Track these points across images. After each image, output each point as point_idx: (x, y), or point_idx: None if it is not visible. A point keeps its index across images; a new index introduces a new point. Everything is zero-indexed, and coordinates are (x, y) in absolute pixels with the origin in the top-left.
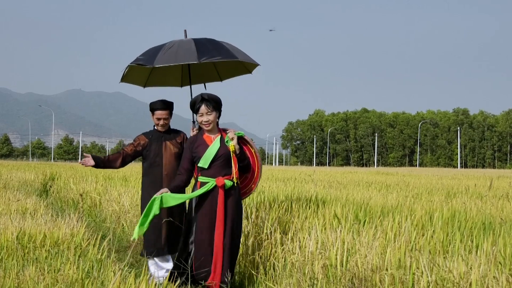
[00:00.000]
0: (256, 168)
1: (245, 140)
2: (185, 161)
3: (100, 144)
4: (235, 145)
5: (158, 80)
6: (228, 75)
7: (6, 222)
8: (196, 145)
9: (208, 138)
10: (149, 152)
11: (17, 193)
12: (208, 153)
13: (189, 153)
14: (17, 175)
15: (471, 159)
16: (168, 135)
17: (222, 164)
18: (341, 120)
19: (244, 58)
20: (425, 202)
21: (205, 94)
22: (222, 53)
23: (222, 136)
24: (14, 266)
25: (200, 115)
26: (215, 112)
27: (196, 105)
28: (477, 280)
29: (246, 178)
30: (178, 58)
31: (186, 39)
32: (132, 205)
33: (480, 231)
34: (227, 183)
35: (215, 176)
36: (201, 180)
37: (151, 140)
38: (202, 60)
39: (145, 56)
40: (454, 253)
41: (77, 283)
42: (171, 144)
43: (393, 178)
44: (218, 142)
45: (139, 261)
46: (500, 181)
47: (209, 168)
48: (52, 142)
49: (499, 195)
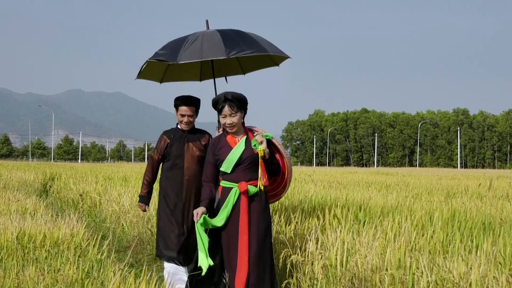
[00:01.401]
0: (285, 172)
1: (272, 143)
2: (209, 166)
3: (100, 144)
4: (265, 149)
5: (176, 75)
6: (252, 67)
7: (6, 222)
8: (219, 147)
9: (231, 140)
10: (170, 153)
11: (17, 193)
12: (231, 156)
13: (212, 157)
14: (17, 175)
15: (471, 159)
16: (192, 135)
17: (247, 168)
18: (341, 120)
19: (274, 51)
20: (425, 202)
21: (229, 93)
22: (251, 46)
23: (248, 137)
24: (14, 266)
25: (223, 117)
26: (239, 113)
27: (218, 105)
28: (477, 280)
29: (276, 180)
30: (204, 53)
31: (210, 31)
32: (132, 205)
33: (480, 231)
34: (250, 189)
35: (238, 181)
36: (223, 185)
37: (172, 139)
38: (231, 55)
39: (166, 51)
40: (454, 253)
41: (77, 283)
42: (194, 146)
43: (393, 178)
44: (243, 144)
45: (139, 261)
46: (500, 181)
47: (232, 172)
48: (52, 142)
49: (499, 195)
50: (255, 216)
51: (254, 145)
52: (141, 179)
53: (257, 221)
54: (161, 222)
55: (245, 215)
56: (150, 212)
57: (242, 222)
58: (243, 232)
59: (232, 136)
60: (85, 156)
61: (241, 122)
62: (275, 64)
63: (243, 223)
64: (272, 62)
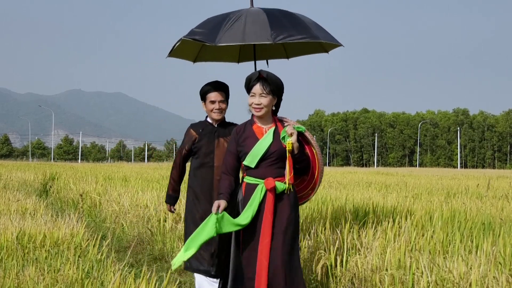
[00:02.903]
0: (316, 171)
1: (305, 137)
2: (230, 156)
3: (100, 144)
4: (294, 143)
5: (212, 55)
6: (298, 52)
7: (6, 222)
8: (244, 137)
9: (258, 130)
10: (198, 149)
11: (17, 193)
12: (257, 148)
13: (235, 147)
14: (17, 175)
15: (471, 159)
16: (223, 129)
17: (274, 163)
18: (341, 120)
19: (326, 38)
20: (425, 202)
21: (265, 71)
22: (301, 31)
23: (277, 128)
24: (14, 266)
25: (252, 95)
26: (271, 96)
27: (250, 83)
28: (477, 280)
29: (304, 180)
30: (247, 36)
31: (255, 10)
32: (132, 205)
33: (480, 231)
34: (278, 186)
35: (264, 177)
36: (247, 181)
37: (201, 134)
38: (277, 40)
39: (204, 29)
40: (454, 253)
41: (77, 283)
42: (225, 142)
43: (393, 178)
44: (271, 135)
45: (139, 261)
46: (500, 181)
47: (257, 167)
48: (52, 142)
49: (499, 195)
50: (282, 218)
51: (283, 138)
52: (141, 179)
53: (284, 224)
54: (188, 229)
55: (269, 215)
56: (150, 212)
57: (265, 223)
58: (265, 235)
59: (259, 125)
60: (85, 156)
61: (271, 108)
62: (324, 51)
63: (267, 224)
64: (321, 48)
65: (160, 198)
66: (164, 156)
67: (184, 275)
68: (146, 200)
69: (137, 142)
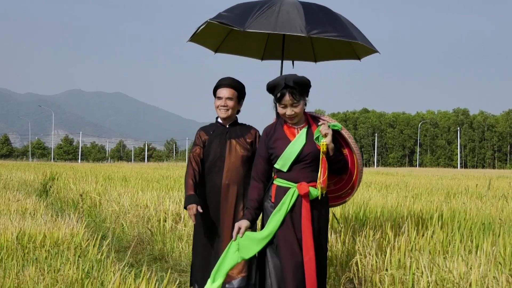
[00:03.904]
0: (354, 172)
1: (341, 136)
2: (261, 161)
3: (100, 144)
4: (329, 144)
5: (235, 46)
6: (327, 56)
7: (6, 222)
8: (274, 138)
9: (289, 131)
10: (208, 152)
11: (17, 193)
12: (289, 151)
13: (265, 150)
14: (17, 175)
15: (471, 159)
16: (235, 131)
17: (308, 166)
18: (341, 120)
19: (363, 41)
20: (425, 202)
21: (290, 78)
22: (338, 29)
23: (311, 127)
24: (14, 266)
25: (282, 107)
26: (302, 101)
27: (276, 92)
28: (477, 280)
29: (342, 179)
30: (279, 25)
31: (291, 0)
32: (132, 205)
33: (480, 231)
34: (312, 192)
35: (298, 181)
36: (278, 184)
37: (211, 136)
38: (311, 33)
39: (232, 13)
40: (454, 253)
41: (77, 283)
42: (237, 144)
43: (393, 178)
44: (304, 136)
45: (139, 261)
46: (500, 181)
47: (289, 170)
48: (52, 142)
49: (499, 195)
50: (316, 226)
51: (317, 138)
52: (141, 179)
53: (317, 234)
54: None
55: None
56: (150, 212)
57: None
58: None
59: (290, 126)
60: (85, 156)
61: (303, 111)
62: (356, 57)
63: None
64: (353, 54)
65: (160, 198)
66: (164, 156)
67: (184, 275)
68: (146, 200)
69: (137, 142)
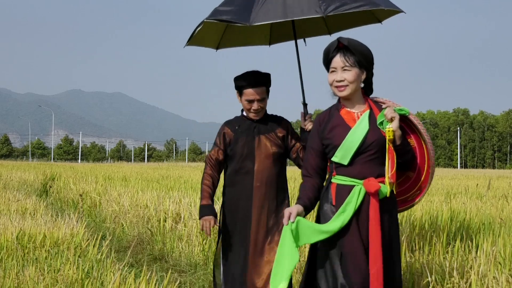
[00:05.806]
0: (426, 166)
1: (409, 122)
2: (313, 154)
3: (100, 144)
4: (396, 130)
5: (237, 38)
6: (342, 25)
7: (6, 222)
8: (330, 126)
9: (349, 115)
10: (234, 151)
11: (17, 193)
12: (350, 139)
13: (318, 141)
14: (17, 175)
15: (471, 159)
16: (264, 125)
17: (373, 157)
18: None
19: (387, 5)
20: (425, 202)
21: (345, 38)
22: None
23: (373, 111)
24: (14, 266)
25: (332, 71)
26: (357, 68)
27: (329, 56)
28: (477, 280)
29: (408, 179)
30: (289, 10)
31: None
32: (132, 205)
33: (480, 231)
34: (383, 189)
35: (364, 176)
36: (339, 182)
37: (237, 132)
38: (329, 11)
39: (232, 7)
40: (454, 253)
41: (77, 283)
42: (267, 140)
43: None
44: (367, 121)
45: (139, 261)
46: (500, 181)
47: (351, 164)
48: (52, 142)
49: (499, 195)
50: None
51: (380, 123)
52: (141, 179)
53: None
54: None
55: (376, 226)
56: (150, 212)
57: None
58: (376, 258)
59: (349, 110)
60: (85, 156)
61: (359, 85)
62: (376, 20)
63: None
64: (372, 18)
65: (160, 198)
66: (164, 156)
67: (184, 275)
68: (146, 200)
69: (137, 142)
